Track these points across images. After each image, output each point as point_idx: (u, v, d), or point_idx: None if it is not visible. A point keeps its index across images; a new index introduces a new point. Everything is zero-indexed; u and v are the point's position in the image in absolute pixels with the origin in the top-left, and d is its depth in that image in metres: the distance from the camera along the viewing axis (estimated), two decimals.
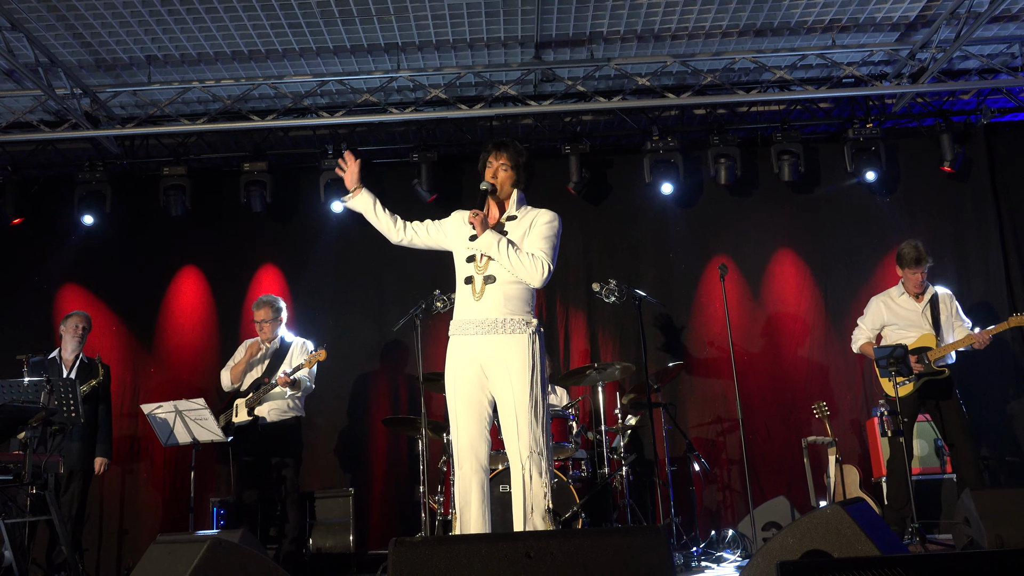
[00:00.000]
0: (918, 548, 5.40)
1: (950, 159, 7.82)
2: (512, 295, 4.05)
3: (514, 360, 3.97)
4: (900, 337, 6.28)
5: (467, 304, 4.08)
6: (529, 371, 3.97)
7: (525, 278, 4.04)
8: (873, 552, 3.06)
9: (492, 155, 4.23)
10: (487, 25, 6.67)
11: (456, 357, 4.09)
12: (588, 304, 7.94)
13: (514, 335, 3.99)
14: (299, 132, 8.18)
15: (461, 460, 4.01)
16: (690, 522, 6.78)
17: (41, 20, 6.34)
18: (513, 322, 4.01)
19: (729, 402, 7.56)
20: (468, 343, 4.03)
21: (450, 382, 4.09)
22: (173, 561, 3.41)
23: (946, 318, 6.26)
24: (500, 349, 3.97)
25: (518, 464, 3.92)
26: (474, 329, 4.02)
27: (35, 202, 8.22)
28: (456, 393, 4.05)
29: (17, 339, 7.54)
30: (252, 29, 6.57)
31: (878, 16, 6.76)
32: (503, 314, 4.01)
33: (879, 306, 6.47)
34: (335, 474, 7.75)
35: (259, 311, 6.75)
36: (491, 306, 4.01)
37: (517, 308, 4.05)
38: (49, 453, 5.43)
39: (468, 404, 4.03)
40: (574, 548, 2.46)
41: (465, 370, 4.04)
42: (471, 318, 4.04)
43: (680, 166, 7.84)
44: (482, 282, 4.05)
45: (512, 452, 3.94)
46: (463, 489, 3.99)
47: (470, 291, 4.07)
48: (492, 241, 4.03)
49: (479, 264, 4.10)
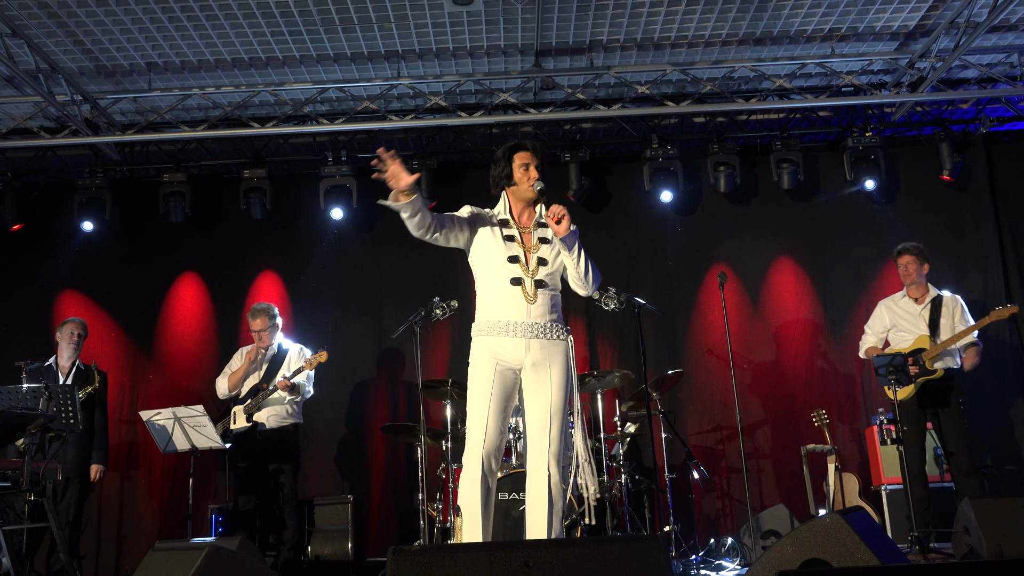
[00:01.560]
0: (918, 557, 5.39)
1: (949, 168, 7.83)
2: (557, 302, 4.09)
3: (558, 366, 3.97)
4: (899, 339, 6.34)
5: (515, 306, 3.99)
6: (569, 379, 4.00)
7: (585, 286, 4.09)
8: (872, 561, 3.06)
9: (529, 153, 4.11)
10: (487, 33, 6.69)
11: (496, 356, 3.97)
12: (587, 311, 7.94)
13: (560, 341, 4.01)
14: (299, 139, 8.20)
15: (488, 461, 3.89)
16: (689, 530, 6.77)
17: (42, 27, 6.35)
18: (559, 328, 4.04)
19: (728, 410, 7.55)
20: (513, 345, 3.95)
21: (485, 381, 3.96)
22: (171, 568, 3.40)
23: (947, 321, 6.26)
24: (547, 354, 3.96)
25: (543, 469, 3.87)
26: (523, 332, 3.96)
27: (35, 208, 8.23)
28: (493, 393, 3.93)
29: (16, 345, 7.54)
30: (252, 36, 6.58)
31: (877, 25, 6.78)
32: (550, 319, 4.02)
33: (882, 310, 6.56)
34: (334, 481, 7.74)
35: (255, 320, 6.73)
36: (542, 311, 4.00)
37: (559, 317, 4.09)
38: (47, 460, 5.43)
39: (501, 406, 3.95)
40: (573, 556, 2.45)
41: (505, 371, 3.96)
42: (519, 320, 3.97)
43: (679, 174, 7.85)
44: (533, 285, 4.01)
45: (539, 457, 3.90)
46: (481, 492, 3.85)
47: (519, 293, 3.99)
48: (576, 240, 3.99)
49: (527, 266, 4.04)
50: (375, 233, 8.17)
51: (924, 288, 6.40)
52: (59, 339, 6.69)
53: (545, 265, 4.05)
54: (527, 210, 4.17)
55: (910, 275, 6.37)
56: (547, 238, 4.09)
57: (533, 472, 3.90)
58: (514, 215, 4.15)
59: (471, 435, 3.94)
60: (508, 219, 4.13)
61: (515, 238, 4.07)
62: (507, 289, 4.00)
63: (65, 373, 6.59)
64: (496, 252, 4.05)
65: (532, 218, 4.16)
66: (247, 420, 6.48)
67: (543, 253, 4.08)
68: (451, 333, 7.80)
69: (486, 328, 4.01)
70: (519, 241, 4.08)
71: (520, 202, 4.15)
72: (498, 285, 4.03)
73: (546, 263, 4.06)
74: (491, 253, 4.06)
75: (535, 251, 4.08)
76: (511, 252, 4.04)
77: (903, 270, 6.41)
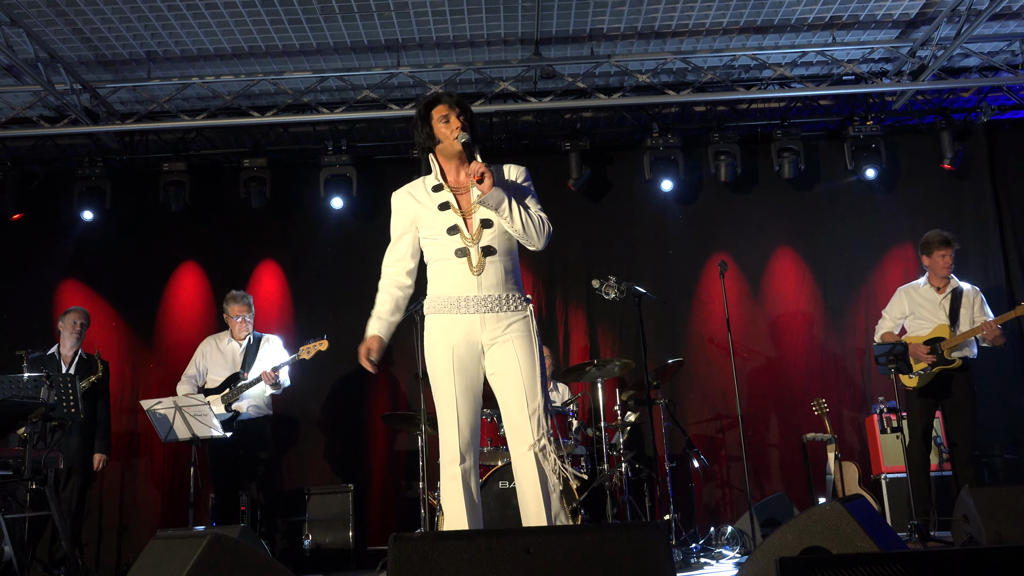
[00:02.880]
0: (917, 545, 5.40)
1: (950, 157, 7.82)
2: (510, 269, 3.68)
3: (521, 339, 3.61)
4: (918, 327, 6.30)
5: (461, 279, 3.62)
6: (537, 351, 3.64)
7: (531, 241, 3.65)
8: (872, 549, 3.06)
9: (445, 105, 3.70)
10: (487, 22, 6.67)
11: (449, 337, 3.63)
12: (588, 300, 7.94)
13: (517, 312, 3.64)
14: (299, 128, 8.18)
15: (462, 453, 3.56)
16: (689, 519, 6.79)
17: (41, 16, 6.33)
18: (515, 299, 3.65)
19: (728, 399, 7.56)
20: (465, 323, 3.60)
21: (444, 366, 3.64)
22: (173, 557, 3.41)
23: (967, 312, 6.24)
24: (504, 328, 3.60)
25: (529, 448, 3.53)
26: (474, 307, 3.60)
27: (35, 197, 8.22)
28: (454, 378, 3.60)
29: (17, 334, 7.55)
30: (252, 25, 6.57)
31: (879, 13, 6.76)
32: (504, 290, 3.63)
33: (902, 295, 6.48)
34: (334, 470, 7.76)
35: (237, 305, 6.76)
36: (492, 281, 3.62)
37: (515, 284, 3.70)
38: (49, 449, 5.44)
39: (468, 391, 3.62)
40: (573, 544, 2.46)
41: (464, 353, 3.62)
42: (468, 295, 3.60)
43: (680, 163, 7.84)
44: (479, 254, 3.62)
45: (522, 436, 3.55)
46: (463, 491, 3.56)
47: (465, 265, 3.61)
48: (503, 198, 3.55)
49: (468, 235, 3.64)
50: (375, 222, 8.14)
51: (947, 278, 6.36)
52: (61, 328, 6.69)
53: (490, 227, 3.64)
54: (461, 167, 3.74)
55: (946, 268, 6.28)
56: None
57: (519, 457, 3.58)
58: (447, 177, 3.75)
59: (442, 429, 3.62)
60: (440, 183, 3.73)
61: (450, 204, 3.67)
62: (450, 263, 3.65)
63: (68, 362, 6.59)
64: (434, 224, 3.68)
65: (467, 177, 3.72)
66: (226, 409, 6.49)
67: (485, 213, 3.65)
68: None
69: (436, 304, 3.69)
70: (455, 207, 3.67)
71: (450, 161, 3.75)
72: (442, 259, 3.68)
73: (491, 224, 3.65)
74: (430, 227, 3.70)
75: (476, 213, 3.67)
76: (449, 222, 3.65)
77: (941, 261, 6.27)
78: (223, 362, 6.71)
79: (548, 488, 3.55)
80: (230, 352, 6.73)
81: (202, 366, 6.77)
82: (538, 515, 3.53)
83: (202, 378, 6.73)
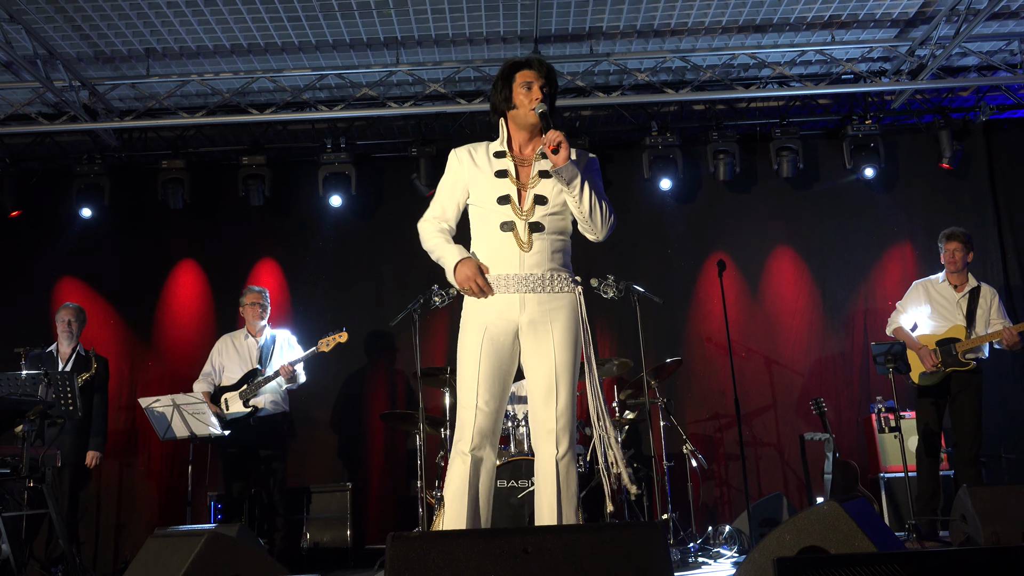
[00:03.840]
0: (915, 545, 5.41)
1: (949, 156, 7.83)
2: (559, 248, 3.45)
3: (561, 323, 3.39)
4: (933, 326, 6.27)
5: (507, 255, 3.37)
6: (578, 337, 3.41)
7: (595, 227, 3.48)
8: (870, 549, 3.06)
9: (533, 72, 3.47)
10: (486, 20, 6.66)
11: (487, 317, 3.37)
12: (585, 299, 7.92)
13: (563, 293, 3.42)
14: (298, 126, 8.17)
15: (481, 440, 3.30)
16: (687, 518, 6.79)
17: (40, 12, 6.32)
18: (562, 279, 3.42)
19: (727, 398, 7.55)
20: (506, 302, 3.36)
21: (472, 346, 3.36)
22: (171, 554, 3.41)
23: (983, 313, 6.21)
24: (548, 310, 3.38)
25: (550, 445, 3.31)
26: (516, 286, 3.35)
27: (33, 194, 8.21)
28: (481, 359, 3.33)
29: (15, 331, 7.53)
30: (251, 23, 6.56)
31: (877, 12, 6.76)
32: (550, 270, 3.40)
33: (919, 289, 6.43)
34: (333, 469, 7.76)
35: (251, 294, 6.85)
36: (539, 259, 3.37)
37: (564, 264, 3.46)
38: (47, 447, 5.43)
39: (495, 376, 3.35)
40: (571, 543, 2.46)
41: (500, 334, 3.37)
42: (511, 272, 3.35)
43: (679, 162, 7.84)
44: (527, 229, 3.37)
45: (545, 432, 3.33)
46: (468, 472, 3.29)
47: (511, 240, 3.37)
48: (577, 173, 3.33)
49: (520, 208, 3.40)
50: (374, 220, 8.18)
51: (965, 276, 6.30)
52: (57, 326, 6.69)
53: (544, 204, 3.42)
54: (532, 140, 3.55)
55: (956, 262, 6.25)
56: (549, 172, 3.45)
57: (539, 449, 3.36)
58: (513, 146, 3.54)
59: (460, 412, 3.37)
60: (504, 150, 3.52)
61: (508, 173, 3.45)
62: (497, 236, 3.40)
63: (65, 359, 6.58)
64: (486, 191, 3.44)
65: (536, 149, 3.53)
66: (244, 405, 6.49)
67: (542, 189, 3.44)
68: (450, 321, 7.80)
69: None
70: (513, 176, 3.45)
71: (521, 130, 3.53)
72: (488, 231, 3.44)
73: (545, 202, 3.43)
74: (482, 193, 3.46)
75: (532, 187, 3.44)
76: (501, 191, 3.41)
77: (949, 256, 6.27)
78: (239, 359, 6.72)
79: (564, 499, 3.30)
80: (246, 349, 6.75)
81: (218, 364, 6.79)
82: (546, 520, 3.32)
83: (218, 375, 6.74)
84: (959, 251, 6.25)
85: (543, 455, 3.34)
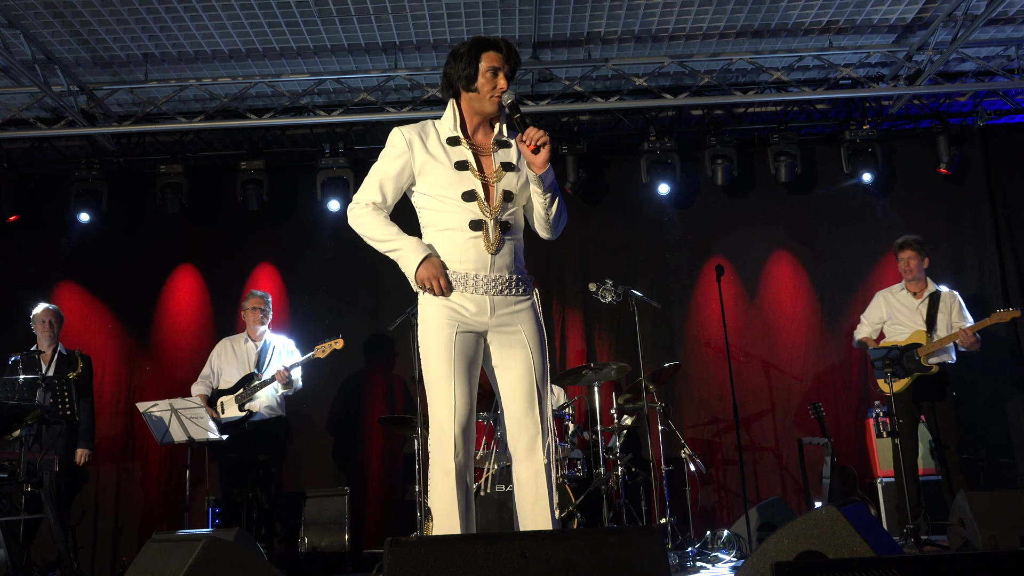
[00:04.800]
0: (913, 549, 5.41)
1: (946, 161, 7.83)
2: (520, 249, 3.30)
3: (530, 327, 3.25)
4: (895, 333, 6.38)
5: (475, 256, 3.18)
6: (544, 341, 3.29)
7: (551, 230, 3.34)
8: (868, 553, 3.07)
9: (501, 56, 3.24)
10: (485, 25, 6.67)
11: (455, 317, 3.20)
12: (584, 304, 7.95)
13: (526, 296, 3.26)
14: (296, 131, 8.18)
15: (456, 449, 3.11)
16: (685, 522, 6.78)
17: (38, 17, 6.33)
18: (525, 282, 3.27)
19: (725, 402, 7.56)
20: (475, 304, 3.19)
21: (442, 347, 3.17)
22: (168, 559, 3.41)
23: (944, 317, 6.28)
24: (513, 313, 3.22)
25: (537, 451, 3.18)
26: (483, 287, 3.18)
27: (31, 199, 8.21)
28: (454, 361, 3.16)
29: (12, 337, 7.52)
30: (250, 28, 6.57)
31: (875, 18, 6.78)
32: (515, 271, 3.24)
33: (880, 301, 6.59)
34: (331, 473, 7.75)
35: (252, 299, 6.89)
36: (506, 261, 3.21)
37: (523, 266, 3.31)
38: (44, 451, 5.43)
39: (467, 378, 3.18)
40: (569, 548, 2.46)
41: (467, 336, 3.21)
42: (480, 273, 3.18)
43: (677, 167, 7.85)
44: (496, 230, 3.19)
45: (529, 437, 3.20)
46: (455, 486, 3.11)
47: (480, 240, 3.17)
48: (552, 178, 3.19)
49: (487, 204, 3.20)
50: None
51: (923, 283, 6.42)
52: (33, 328, 6.67)
53: (510, 201, 3.24)
54: (483, 126, 3.33)
55: (911, 270, 6.37)
56: (512, 163, 3.27)
57: (524, 457, 3.21)
58: (467, 131, 3.30)
59: (436, 415, 3.16)
60: (458, 136, 3.26)
61: (469, 164, 3.21)
62: (464, 234, 3.19)
63: (48, 361, 6.56)
64: (446, 184, 3.20)
65: (489, 136, 3.32)
66: (240, 409, 6.50)
67: (508, 184, 3.24)
68: None
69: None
70: (475, 168, 3.22)
71: (475, 115, 3.30)
72: (451, 228, 3.22)
73: (511, 198, 3.24)
74: (439, 186, 3.21)
75: (498, 180, 3.23)
76: (465, 186, 3.19)
77: (904, 264, 6.41)
78: (237, 363, 6.74)
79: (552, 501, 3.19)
80: (244, 353, 6.76)
81: (216, 367, 6.81)
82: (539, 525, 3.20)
83: (216, 378, 6.75)
84: (913, 259, 6.37)
85: (529, 461, 3.20)
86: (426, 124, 3.32)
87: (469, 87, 3.24)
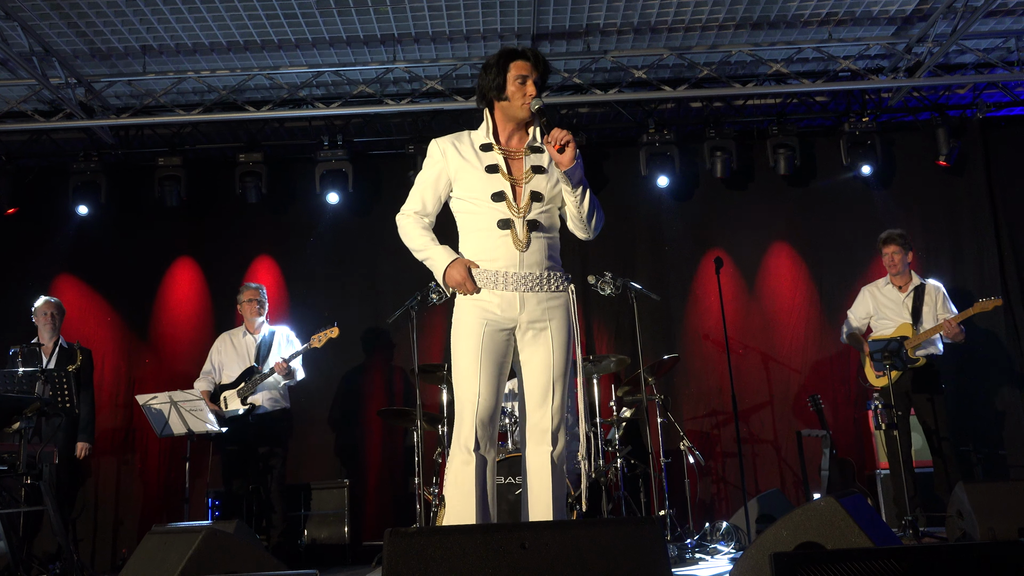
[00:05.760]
0: (912, 541, 5.42)
1: (945, 153, 7.83)
2: (554, 246, 3.44)
3: (558, 322, 3.38)
4: (882, 327, 6.42)
5: (505, 253, 3.33)
6: (572, 338, 3.41)
7: (589, 228, 3.48)
8: (866, 544, 3.07)
9: (529, 64, 3.41)
10: (484, 17, 6.66)
11: (483, 313, 3.34)
12: (583, 296, 7.92)
13: (559, 293, 3.40)
14: (295, 123, 8.17)
15: (478, 439, 3.26)
16: (684, 514, 6.79)
17: (36, 9, 6.31)
18: (557, 278, 3.40)
19: (724, 395, 7.57)
20: (505, 300, 3.32)
21: (473, 340, 3.33)
22: (168, 551, 3.42)
23: (930, 309, 6.31)
24: (545, 309, 3.36)
25: (545, 443, 3.31)
26: (514, 284, 3.31)
27: (30, 192, 8.20)
28: (483, 354, 3.31)
29: (11, 329, 7.52)
30: (248, 19, 6.55)
31: (875, 10, 6.76)
32: (547, 268, 3.37)
33: (866, 295, 6.64)
34: (330, 466, 7.75)
35: (247, 291, 6.89)
36: (536, 258, 3.34)
37: (558, 263, 3.45)
38: (44, 444, 5.43)
39: (493, 373, 3.32)
40: (569, 539, 2.46)
41: (498, 330, 3.35)
42: (510, 270, 3.32)
43: (676, 159, 7.84)
44: (525, 228, 3.33)
45: (540, 430, 3.33)
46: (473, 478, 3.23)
47: (508, 239, 3.32)
48: (582, 175, 3.34)
49: (515, 204, 3.36)
50: (371, 217, 8.16)
51: (908, 276, 6.46)
52: (35, 321, 6.67)
53: (540, 201, 3.39)
54: (517, 132, 3.51)
55: (895, 264, 6.42)
56: (542, 167, 3.44)
57: (533, 446, 3.35)
58: (500, 138, 3.48)
59: (460, 407, 3.34)
60: (491, 143, 3.45)
61: (499, 167, 3.39)
62: (493, 233, 3.35)
63: (49, 353, 6.56)
64: (477, 187, 3.38)
65: (524, 142, 3.50)
66: (242, 403, 6.50)
67: (537, 185, 3.40)
68: (447, 318, 7.71)
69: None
70: (504, 171, 3.40)
71: (509, 122, 3.48)
72: (482, 228, 3.38)
73: (541, 198, 3.40)
74: (471, 189, 3.40)
75: (527, 182, 3.40)
76: (494, 187, 3.36)
77: (888, 259, 6.45)
78: (237, 357, 6.74)
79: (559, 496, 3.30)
80: (244, 346, 6.76)
81: (217, 362, 6.81)
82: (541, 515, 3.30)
83: (218, 374, 6.75)
84: (897, 253, 6.40)
85: (538, 454, 3.34)
86: (462, 134, 3.52)
87: (500, 96, 3.43)
